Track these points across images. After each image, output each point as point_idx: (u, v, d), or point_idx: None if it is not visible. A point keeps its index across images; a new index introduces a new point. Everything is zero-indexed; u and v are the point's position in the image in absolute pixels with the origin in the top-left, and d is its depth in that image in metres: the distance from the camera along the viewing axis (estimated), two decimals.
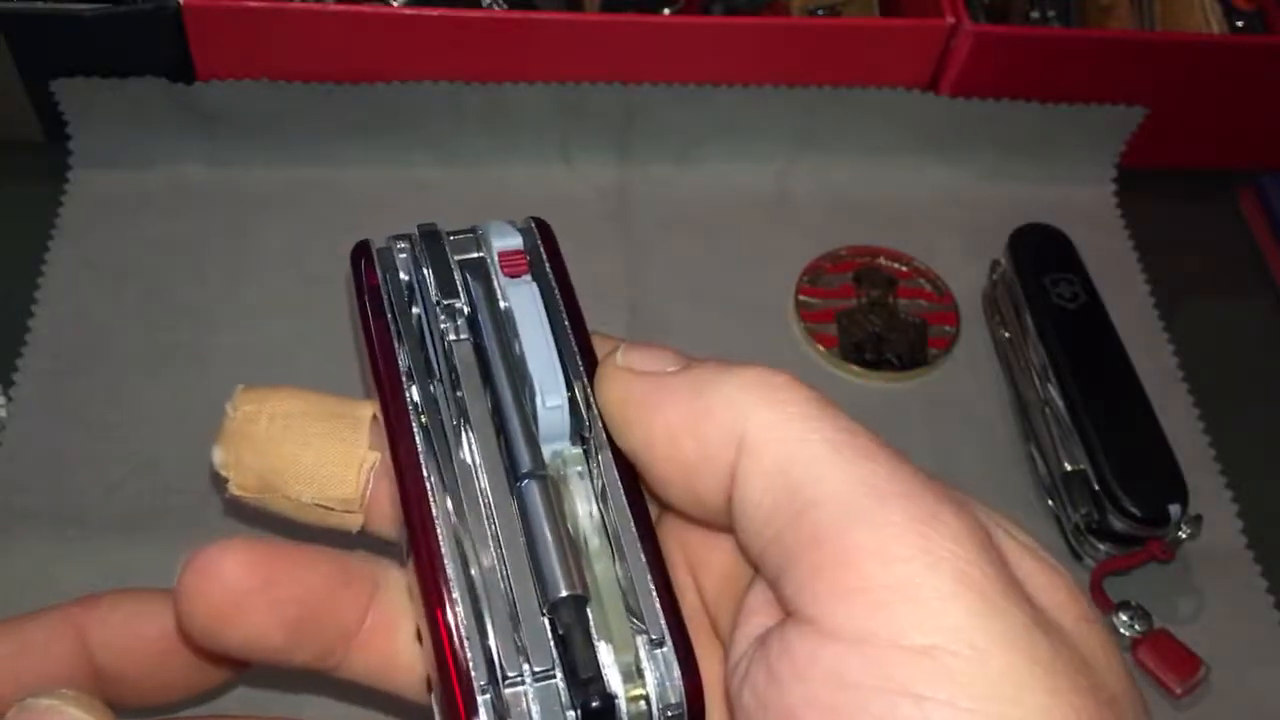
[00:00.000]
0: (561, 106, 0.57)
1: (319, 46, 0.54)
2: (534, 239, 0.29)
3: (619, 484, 0.25)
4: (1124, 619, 0.47)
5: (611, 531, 0.25)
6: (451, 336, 0.27)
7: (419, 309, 0.28)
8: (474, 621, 0.24)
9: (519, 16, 0.55)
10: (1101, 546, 0.49)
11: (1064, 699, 0.20)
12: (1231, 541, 0.50)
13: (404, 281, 0.28)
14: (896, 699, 0.20)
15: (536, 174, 0.58)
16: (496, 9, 0.56)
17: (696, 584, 0.27)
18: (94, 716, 0.23)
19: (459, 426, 0.26)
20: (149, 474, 0.48)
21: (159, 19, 0.52)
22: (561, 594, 0.24)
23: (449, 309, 0.28)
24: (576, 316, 0.28)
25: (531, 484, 0.25)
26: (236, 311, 0.53)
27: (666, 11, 0.60)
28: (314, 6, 0.53)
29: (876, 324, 0.55)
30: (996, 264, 0.56)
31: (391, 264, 0.28)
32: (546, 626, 0.24)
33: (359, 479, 0.27)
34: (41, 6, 0.51)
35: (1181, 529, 0.48)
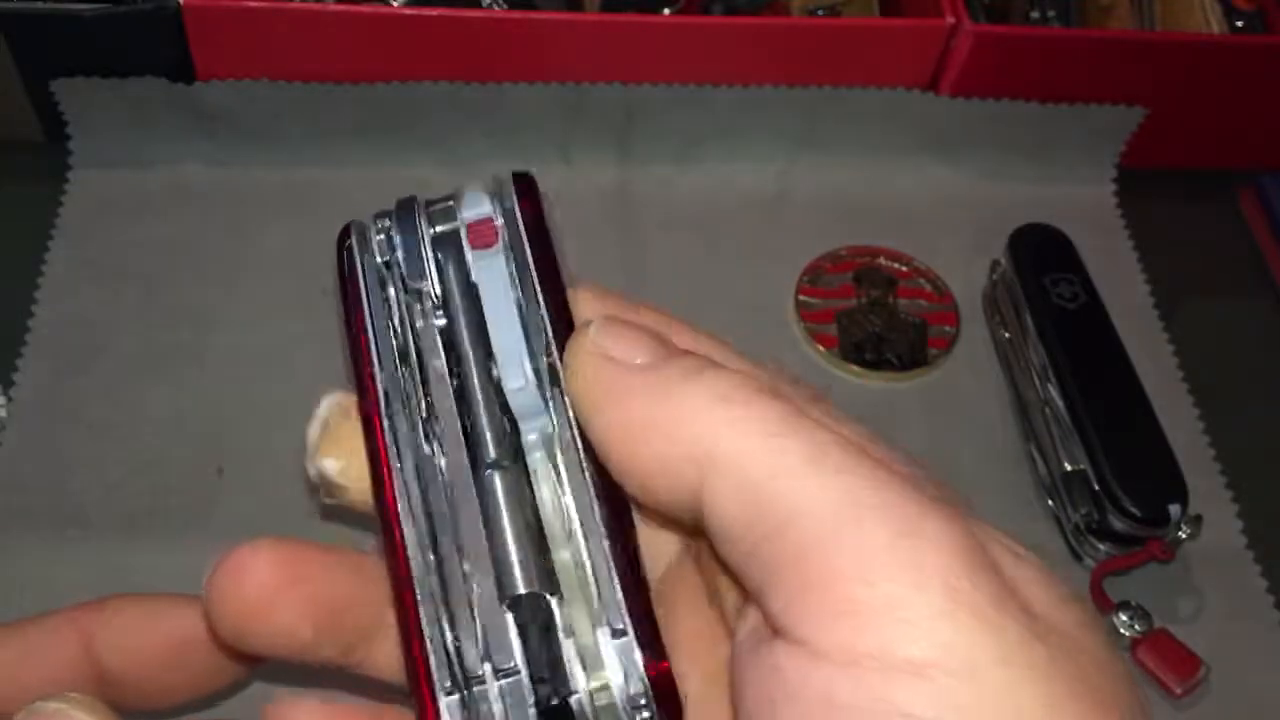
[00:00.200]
0: (561, 106, 0.57)
1: (319, 46, 0.54)
2: (511, 201, 0.27)
3: (589, 467, 0.24)
4: (1124, 619, 0.47)
5: (580, 517, 0.24)
6: (422, 320, 0.26)
7: (394, 290, 0.26)
8: (438, 620, 0.23)
9: (519, 16, 0.55)
10: (1101, 546, 0.48)
11: (1062, 709, 0.20)
12: (1231, 541, 0.50)
13: (379, 264, 0.27)
14: None
15: (536, 174, 0.58)
16: (496, 9, 0.56)
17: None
18: None
19: (427, 417, 0.25)
20: (149, 474, 0.48)
21: (159, 19, 0.52)
22: (519, 591, 0.23)
23: (416, 292, 0.26)
24: (555, 281, 0.26)
25: (494, 475, 0.24)
26: (236, 311, 0.52)
27: (666, 11, 0.59)
28: (314, 6, 0.53)
29: (877, 324, 0.55)
30: (996, 264, 0.56)
31: (368, 245, 0.27)
32: (510, 623, 0.23)
33: None
34: (41, 6, 0.51)
35: (1181, 529, 0.48)
